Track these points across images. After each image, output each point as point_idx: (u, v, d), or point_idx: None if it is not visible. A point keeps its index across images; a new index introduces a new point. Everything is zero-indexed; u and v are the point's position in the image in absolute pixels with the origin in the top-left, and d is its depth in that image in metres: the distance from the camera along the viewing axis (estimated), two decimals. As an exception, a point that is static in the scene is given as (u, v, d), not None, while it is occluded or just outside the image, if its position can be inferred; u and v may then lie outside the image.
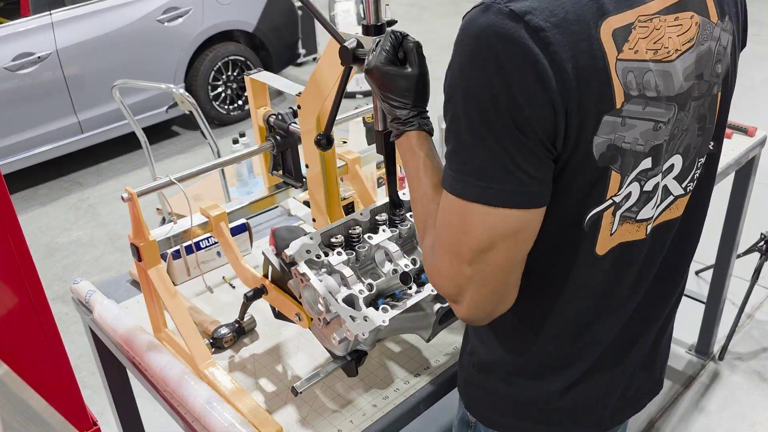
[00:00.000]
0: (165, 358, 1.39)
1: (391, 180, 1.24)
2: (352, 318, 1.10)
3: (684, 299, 2.98)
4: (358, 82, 5.53)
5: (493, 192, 0.82)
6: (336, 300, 1.13)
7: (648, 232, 0.99)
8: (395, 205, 1.30)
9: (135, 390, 1.80)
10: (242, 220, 1.70)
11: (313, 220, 1.45)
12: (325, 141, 1.21)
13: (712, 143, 1.03)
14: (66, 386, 1.25)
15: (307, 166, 1.40)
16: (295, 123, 1.44)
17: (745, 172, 2.30)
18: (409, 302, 1.18)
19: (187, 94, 2.31)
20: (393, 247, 1.23)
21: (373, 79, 1.01)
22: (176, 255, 1.65)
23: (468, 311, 0.91)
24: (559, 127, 0.81)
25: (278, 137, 1.47)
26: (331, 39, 1.14)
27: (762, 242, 2.67)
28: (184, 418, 1.31)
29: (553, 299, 0.98)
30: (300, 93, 1.33)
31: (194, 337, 1.34)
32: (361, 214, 1.29)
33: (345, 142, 2.12)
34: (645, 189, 0.94)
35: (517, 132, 0.80)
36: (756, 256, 2.72)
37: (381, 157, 1.73)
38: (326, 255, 1.20)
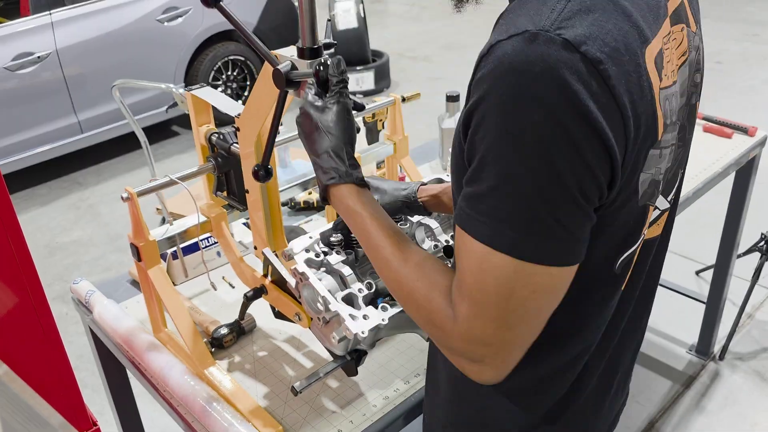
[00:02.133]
0: (165, 358, 1.39)
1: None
2: (352, 317, 1.10)
3: (684, 299, 3.00)
4: (358, 81, 5.53)
5: (545, 249, 0.72)
6: (335, 299, 1.13)
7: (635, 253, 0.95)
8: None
9: (135, 390, 1.80)
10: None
11: (255, 247, 1.35)
12: (263, 172, 1.12)
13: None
14: (66, 386, 1.25)
15: (247, 191, 1.30)
16: (236, 144, 1.31)
17: (745, 172, 2.30)
18: None
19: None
20: None
21: (305, 129, 0.96)
22: (176, 255, 1.65)
23: (497, 374, 0.80)
24: (616, 175, 0.72)
25: (219, 158, 1.36)
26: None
27: (762, 242, 2.67)
28: (184, 418, 1.31)
29: (587, 334, 0.91)
30: (239, 115, 1.23)
31: (194, 337, 1.34)
32: None
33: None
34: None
35: (577, 193, 0.70)
36: (756, 256, 2.72)
37: (382, 157, 1.74)
38: (325, 254, 1.20)
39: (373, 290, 1.17)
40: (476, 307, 0.76)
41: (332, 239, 1.23)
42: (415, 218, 1.25)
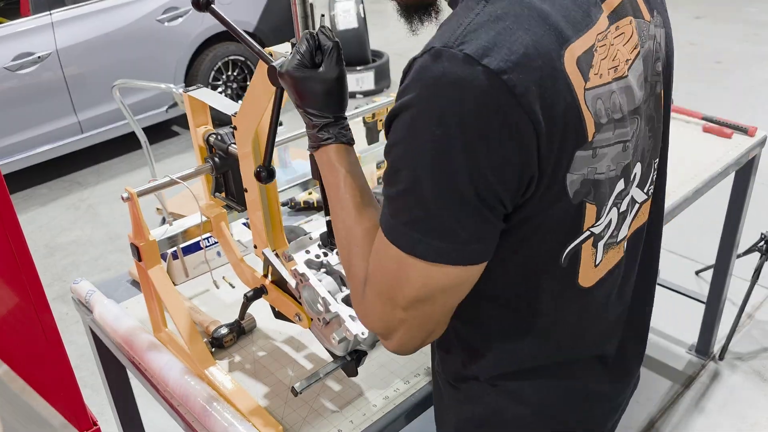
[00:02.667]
0: (165, 358, 1.39)
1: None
2: (352, 318, 1.10)
3: (684, 299, 2.99)
4: (358, 81, 5.53)
5: (435, 248, 0.77)
6: (335, 300, 1.13)
7: (625, 247, 0.97)
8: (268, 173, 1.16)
9: (135, 390, 1.80)
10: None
11: (255, 247, 1.35)
12: (265, 174, 1.12)
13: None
14: (66, 386, 1.25)
15: (245, 191, 1.30)
16: (234, 144, 1.32)
17: (745, 172, 2.30)
18: None
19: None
20: None
21: (287, 85, 0.94)
22: (176, 255, 1.65)
23: (397, 347, 0.89)
24: (523, 180, 0.75)
25: (217, 159, 1.36)
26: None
27: (762, 242, 2.67)
28: (184, 418, 1.31)
29: (541, 328, 0.95)
30: (236, 113, 1.23)
31: (194, 337, 1.34)
32: None
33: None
34: (621, 210, 0.91)
35: (475, 200, 0.74)
36: (756, 256, 2.72)
37: (381, 157, 1.74)
38: (325, 255, 1.20)
39: None
40: (370, 282, 0.85)
41: (333, 240, 1.23)
42: None
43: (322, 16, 1.48)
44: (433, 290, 0.81)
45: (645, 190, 0.98)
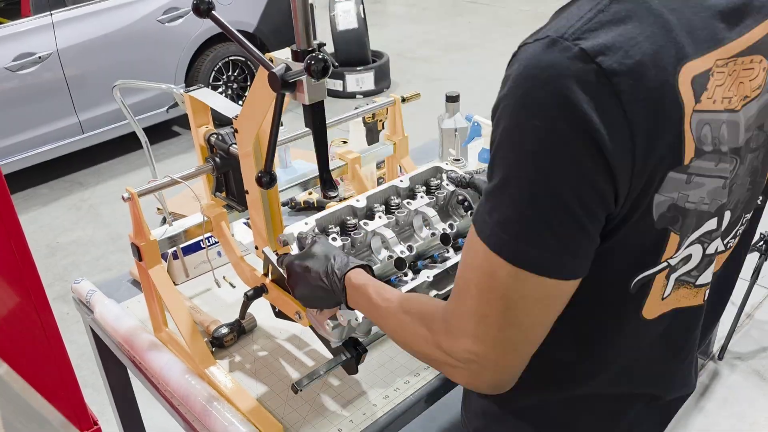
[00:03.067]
0: (165, 357, 1.39)
1: (320, 151, 1.14)
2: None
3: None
4: (358, 82, 5.54)
5: (522, 252, 0.72)
6: None
7: (705, 297, 0.92)
8: (328, 185, 1.19)
9: (135, 389, 1.80)
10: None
11: (256, 247, 1.36)
12: (267, 179, 1.11)
13: (760, 198, 0.96)
14: (67, 385, 1.25)
15: (246, 192, 1.31)
16: (235, 145, 1.32)
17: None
18: (405, 288, 1.18)
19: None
20: (389, 234, 1.24)
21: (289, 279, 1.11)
22: (177, 255, 1.65)
23: (494, 376, 0.79)
24: (620, 191, 0.71)
25: (218, 159, 1.36)
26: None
27: (762, 242, 2.67)
28: (184, 417, 1.31)
29: (598, 354, 0.90)
30: (237, 116, 1.24)
31: (195, 336, 1.34)
32: (357, 200, 1.30)
33: (345, 142, 2.12)
34: (707, 252, 0.85)
35: (570, 205, 0.70)
36: (755, 255, 2.72)
37: (382, 157, 1.75)
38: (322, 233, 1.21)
39: None
40: (458, 298, 0.78)
41: (329, 227, 1.24)
42: (370, 227, 1.26)
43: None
44: (519, 299, 0.74)
45: (725, 242, 0.91)
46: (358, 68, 5.52)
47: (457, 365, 0.80)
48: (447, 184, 1.37)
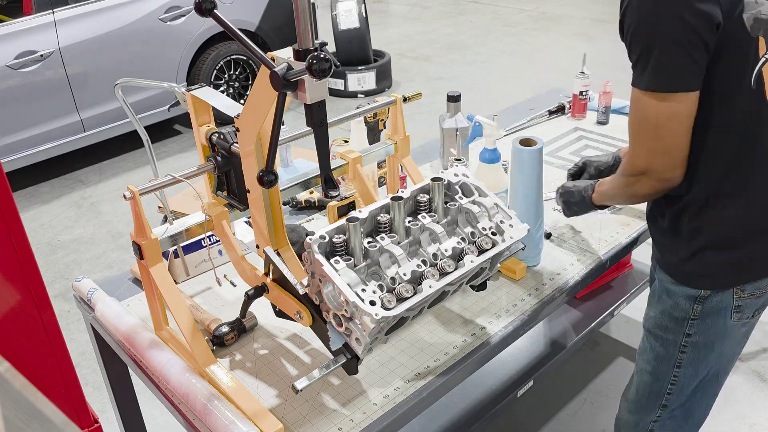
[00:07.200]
0: (166, 355, 1.39)
1: (322, 151, 1.14)
2: (372, 303, 1.11)
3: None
4: (360, 81, 5.54)
5: (657, 81, 1.20)
6: (356, 293, 1.13)
7: None
8: (329, 184, 1.19)
9: (136, 387, 1.80)
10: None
11: (257, 246, 1.36)
12: (268, 178, 1.12)
13: None
14: (67, 383, 1.26)
15: (248, 191, 1.31)
16: (236, 144, 1.33)
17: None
18: (416, 299, 1.18)
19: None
20: (397, 251, 1.23)
21: None
22: (178, 254, 1.66)
23: (662, 173, 1.27)
24: (719, 21, 1.16)
25: (219, 158, 1.37)
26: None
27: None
28: (185, 415, 1.31)
29: (734, 147, 1.30)
30: (239, 115, 1.24)
31: (195, 335, 1.35)
32: (359, 211, 1.30)
33: (346, 142, 2.12)
34: None
35: (690, 38, 1.16)
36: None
37: (383, 156, 1.75)
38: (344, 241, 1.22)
39: (384, 291, 1.18)
40: (631, 144, 1.30)
41: (335, 242, 1.23)
42: (422, 221, 1.27)
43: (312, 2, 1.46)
44: (662, 117, 1.21)
45: None
46: (360, 67, 5.53)
47: (641, 179, 1.31)
48: (460, 197, 1.35)
